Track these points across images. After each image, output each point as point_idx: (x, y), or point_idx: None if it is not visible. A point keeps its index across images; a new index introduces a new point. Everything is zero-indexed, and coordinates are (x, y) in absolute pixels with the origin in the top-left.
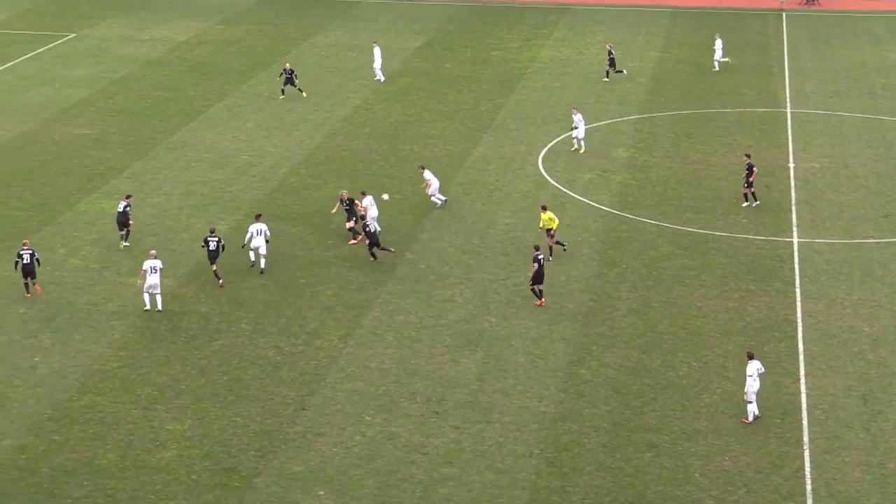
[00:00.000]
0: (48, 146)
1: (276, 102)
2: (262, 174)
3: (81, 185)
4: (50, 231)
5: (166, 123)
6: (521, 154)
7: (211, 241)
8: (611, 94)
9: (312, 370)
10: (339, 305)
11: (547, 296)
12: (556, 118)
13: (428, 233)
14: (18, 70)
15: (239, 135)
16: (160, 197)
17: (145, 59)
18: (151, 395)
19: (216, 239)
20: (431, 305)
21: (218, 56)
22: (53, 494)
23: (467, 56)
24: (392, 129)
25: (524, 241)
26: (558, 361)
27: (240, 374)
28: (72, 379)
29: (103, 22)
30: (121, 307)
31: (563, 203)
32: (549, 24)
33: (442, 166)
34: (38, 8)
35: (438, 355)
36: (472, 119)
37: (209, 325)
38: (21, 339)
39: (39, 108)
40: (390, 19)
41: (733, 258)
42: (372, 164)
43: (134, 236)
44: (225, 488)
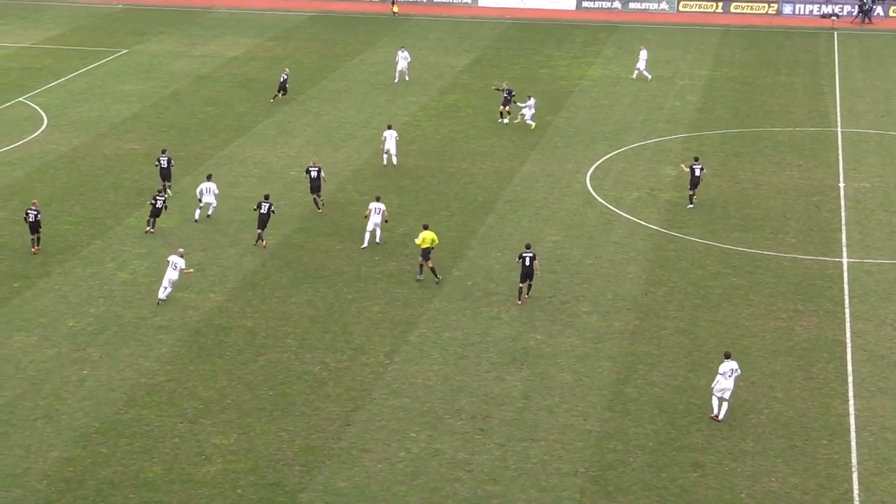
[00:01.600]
0: (99, 161)
1: (324, 118)
2: (309, 190)
3: (131, 200)
4: (99, 245)
5: (216, 139)
6: (569, 172)
7: (264, 205)
8: (659, 112)
9: (358, 386)
10: (386, 321)
11: (593, 314)
12: (604, 136)
13: (475, 250)
14: (71, 85)
15: (287, 150)
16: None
17: (196, 75)
18: (197, 409)
19: (269, 204)
20: (478, 322)
21: (268, 72)
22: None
23: (516, 73)
24: (440, 145)
25: (571, 258)
26: (604, 380)
27: (285, 389)
28: (119, 392)
29: (155, 38)
30: (168, 321)
31: (610, 221)
32: (598, 41)
33: (489, 183)
34: (91, 24)
35: (484, 372)
36: (519, 136)
37: (255, 340)
38: (70, 351)
39: (91, 123)
40: (440, 36)
41: (782, 277)
42: (419, 180)
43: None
44: (270, 503)
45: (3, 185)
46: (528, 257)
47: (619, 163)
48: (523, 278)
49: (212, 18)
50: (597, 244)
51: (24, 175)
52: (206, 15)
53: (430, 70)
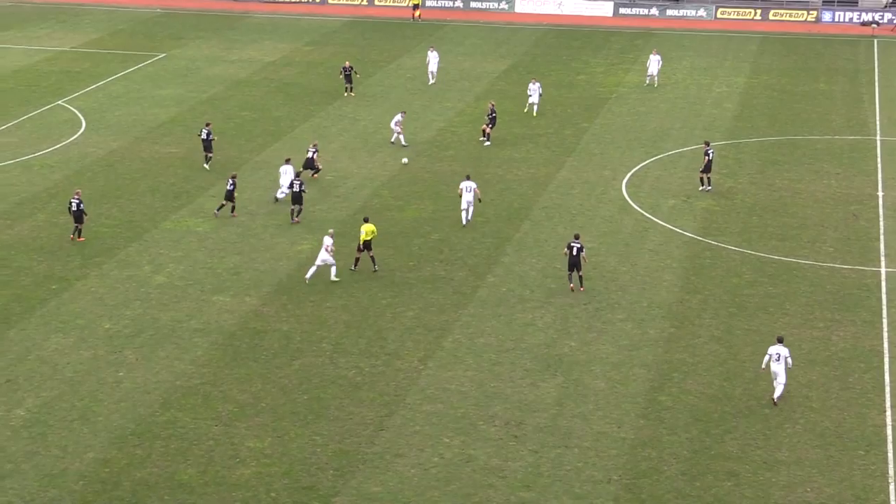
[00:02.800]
0: (136, 164)
1: (361, 124)
2: (345, 195)
3: (168, 204)
4: (136, 248)
5: (252, 143)
6: (605, 179)
7: (295, 182)
8: (696, 119)
9: (392, 391)
10: (420, 327)
11: (628, 321)
12: (640, 143)
13: (510, 256)
14: (109, 89)
15: (323, 155)
16: (245, 216)
17: (233, 80)
18: (232, 413)
19: (300, 182)
20: (512, 329)
21: (304, 77)
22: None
23: (552, 80)
24: (476, 151)
25: (606, 265)
26: (639, 387)
27: (320, 394)
28: (155, 394)
29: (192, 42)
30: (204, 324)
31: (646, 228)
32: (636, 48)
33: (525, 189)
34: (130, 28)
35: (518, 379)
36: (556, 143)
37: (290, 344)
38: (106, 354)
39: (129, 126)
40: (476, 42)
41: (818, 287)
42: (455, 186)
43: (217, 254)
44: None
45: (42, 188)
46: (575, 247)
47: (655, 170)
48: (570, 268)
49: (249, 23)
50: (632, 251)
51: (63, 178)
52: (243, 20)
53: (466, 76)
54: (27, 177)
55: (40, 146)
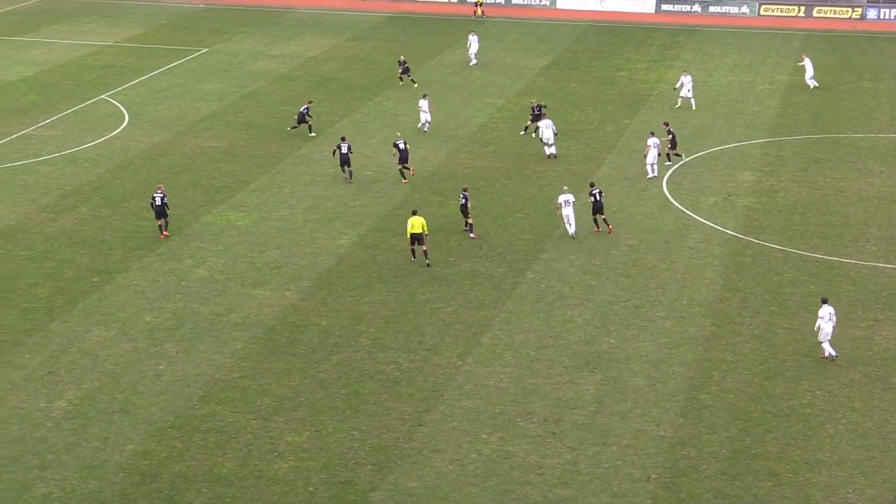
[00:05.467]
0: (178, 158)
1: (401, 119)
2: (385, 190)
3: (209, 198)
4: (177, 242)
5: (293, 138)
6: (646, 175)
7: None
8: (738, 116)
9: (430, 387)
10: (459, 323)
11: (668, 319)
12: (681, 140)
13: (549, 252)
14: (152, 83)
15: (364, 150)
16: (285, 210)
17: (274, 75)
18: (271, 407)
19: (347, 145)
20: (551, 325)
21: (345, 72)
22: (174, 500)
23: (593, 76)
24: (516, 147)
25: (646, 262)
26: (678, 385)
27: (358, 389)
28: (194, 388)
29: (235, 37)
30: (244, 318)
31: (687, 226)
32: (678, 45)
33: (565, 185)
34: (173, 23)
35: (557, 375)
36: (596, 139)
37: (329, 339)
38: (147, 347)
39: (171, 121)
40: (517, 38)
41: (861, 286)
42: (495, 181)
43: (257, 248)
44: (341, 501)
45: (85, 181)
46: (596, 193)
47: (696, 167)
48: (595, 212)
49: (291, 18)
50: (673, 249)
51: (105, 171)
52: (285, 15)
53: (507, 72)
54: (71, 170)
55: (84, 140)
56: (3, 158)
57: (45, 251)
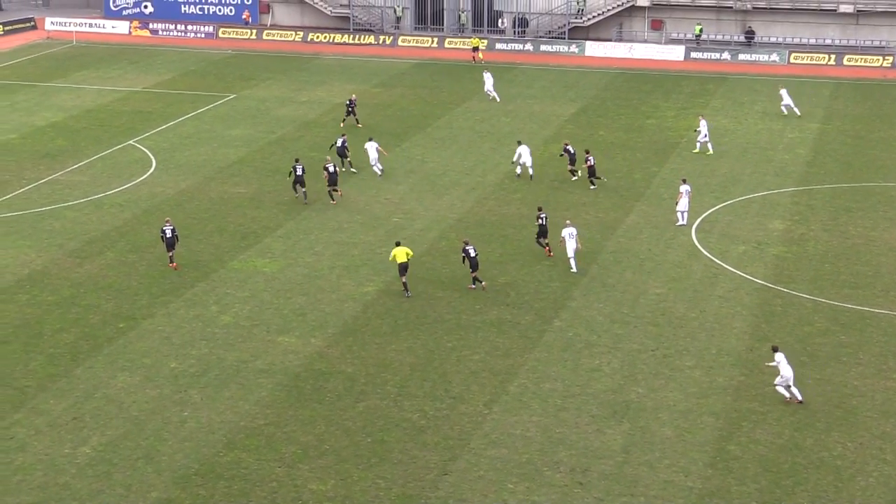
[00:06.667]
0: (205, 204)
1: (428, 165)
2: (412, 237)
3: (235, 244)
4: (203, 287)
5: (321, 184)
6: (674, 223)
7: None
8: (768, 165)
9: (456, 435)
10: (485, 371)
11: (697, 368)
12: (710, 188)
13: (577, 300)
14: (180, 129)
15: (391, 197)
16: (311, 257)
17: (302, 121)
18: (296, 454)
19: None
20: (578, 374)
21: (373, 118)
22: None
23: (622, 123)
24: (544, 195)
25: (675, 311)
26: (707, 436)
27: (384, 437)
28: (219, 434)
29: (263, 83)
30: (269, 365)
31: (715, 274)
32: (707, 92)
33: (593, 233)
34: (201, 69)
35: (584, 425)
36: (625, 187)
37: (355, 387)
38: (171, 393)
39: (198, 166)
40: (545, 85)
41: (893, 336)
42: (522, 229)
43: (283, 294)
44: None
45: (112, 227)
46: (543, 217)
47: (725, 215)
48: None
49: (319, 65)
50: (701, 298)
51: (132, 217)
52: (313, 61)
53: (535, 119)
54: (97, 215)
55: (111, 185)
56: (31, 203)
57: (70, 296)
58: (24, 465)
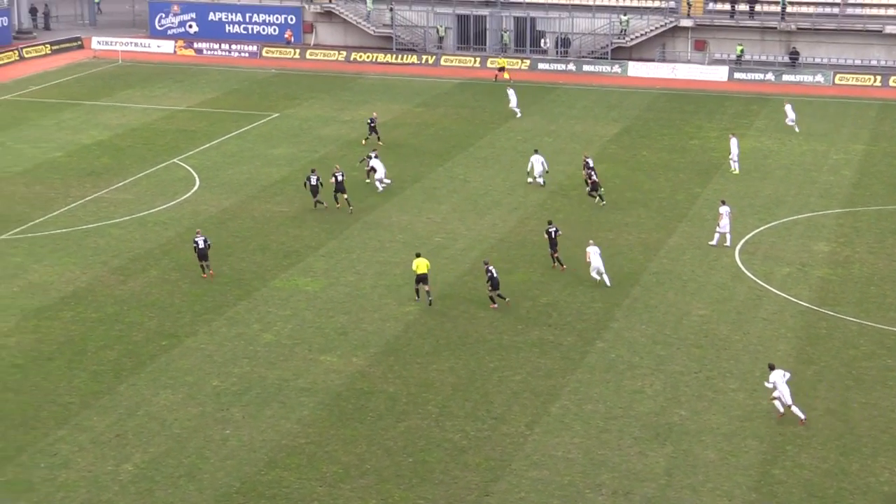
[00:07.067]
0: (248, 223)
1: (471, 185)
2: (454, 256)
3: (277, 262)
4: (245, 306)
5: (362, 203)
6: (720, 245)
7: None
8: (812, 186)
9: (498, 456)
10: (527, 391)
11: (741, 391)
12: (754, 209)
13: (619, 321)
14: (223, 147)
15: (433, 216)
16: (353, 276)
17: (344, 140)
18: (337, 474)
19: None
20: (621, 396)
21: (415, 138)
22: None
23: (665, 144)
24: (586, 215)
25: (718, 333)
26: (751, 459)
27: (425, 457)
28: (261, 453)
29: (306, 102)
30: (311, 384)
31: (759, 297)
32: (751, 113)
33: (635, 254)
34: (245, 88)
35: (626, 447)
36: (668, 208)
37: (396, 406)
38: (214, 411)
39: (241, 185)
40: (588, 105)
41: None
42: (564, 250)
43: (325, 313)
44: None
45: (155, 245)
46: (552, 231)
47: (769, 237)
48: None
49: (362, 84)
50: (745, 320)
51: (175, 235)
52: (356, 81)
53: (577, 139)
54: (141, 233)
55: (154, 203)
56: (77, 221)
57: (114, 314)
58: (67, 481)
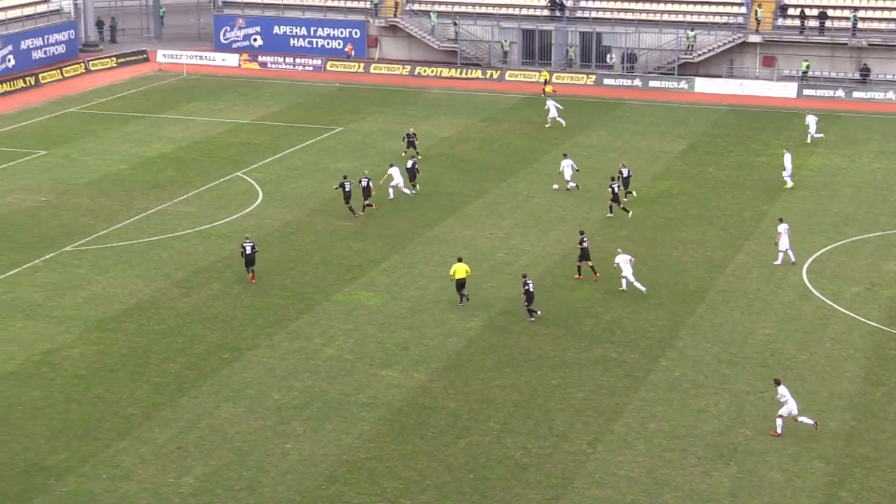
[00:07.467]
0: (311, 236)
1: (534, 201)
2: (516, 272)
3: (340, 276)
4: (307, 320)
5: (425, 218)
6: (785, 263)
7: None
8: (883, 204)
9: (559, 474)
10: (590, 409)
11: (807, 412)
12: (822, 228)
13: (684, 339)
14: (287, 161)
15: (496, 232)
16: (415, 291)
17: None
18: (397, 489)
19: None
20: (684, 414)
21: (479, 153)
22: None
23: (732, 161)
24: (651, 232)
25: (784, 353)
26: (817, 481)
27: (486, 474)
28: (321, 467)
29: (370, 116)
30: (372, 399)
31: (827, 316)
32: (820, 130)
33: (701, 272)
34: (308, 102)
35: (690, 467)
36: (734, 225)
37: (458, 422)
38: (274, 425)
39: (304, 198)
40: (653, 121)
41: None
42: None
43: (387, 328)
44: None
45: (218, 257)
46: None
47: (837, 256)
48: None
49: (426, 98)
50: (812, 339)
51: (238, 248)
52: (420, 95)
53: (642, 155)
54: (204, 246)
55: (218, 216)
56: (140, 233)
57: (176, 326)
58: (128, 493)
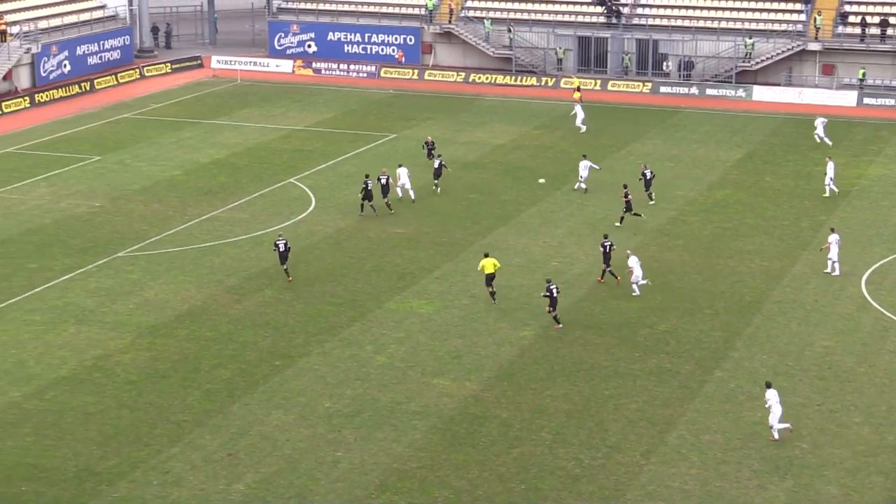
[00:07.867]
0: (363, 243)
1: (588, 209)
2: (570, 281)
3: (392, 284)
4: (359, 327)
5: (478, 226)
6: (843, 274)
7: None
8: None
9: (612, 486)
10: (643, 420)
11: (865, 425)
12: (882, 239)
13: (739, 351)
14: (340, 168)
15: (550, 240)
16: (468, 299)
17: (461, 162)
18: (448, 499)
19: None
20: (739, 427)
21: (533, 161)
22: None
23: (789, 170)
24: (707, 242)
25: (842, 365)
26: (875, 497)
27: (537, 484)
28: (372, 476)
29: (423, 123)
30: (423, 407)
31: (886, 328)
32: (880, 140)
33: (757, 283)
34: (362, 108)
35: (745, 480)
36: (791, 235)
37: (509, 432)
38: (325, 432)
39: (356, 205)
40: (710, 130)
41: None
42: (684, 276)
43: (439, 336)
44: None
45: (271, 264)
46: (607, 245)
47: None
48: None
49: (480, 106)
50: (871, 352)
51: (291, 255)
52: (474, 102)
53: (699, 164)
54: (257, 252)
55: (270, 222)
56: (193, 239)
57: (228, 333)
58: (179, 499)
